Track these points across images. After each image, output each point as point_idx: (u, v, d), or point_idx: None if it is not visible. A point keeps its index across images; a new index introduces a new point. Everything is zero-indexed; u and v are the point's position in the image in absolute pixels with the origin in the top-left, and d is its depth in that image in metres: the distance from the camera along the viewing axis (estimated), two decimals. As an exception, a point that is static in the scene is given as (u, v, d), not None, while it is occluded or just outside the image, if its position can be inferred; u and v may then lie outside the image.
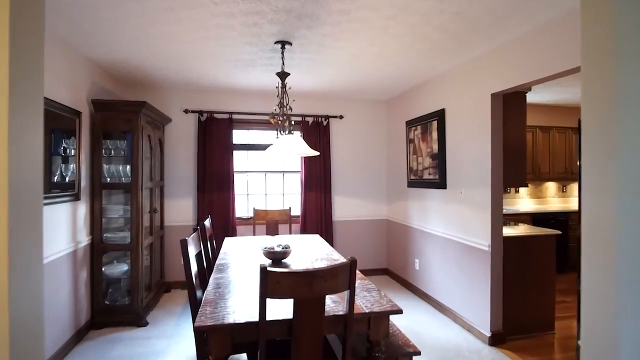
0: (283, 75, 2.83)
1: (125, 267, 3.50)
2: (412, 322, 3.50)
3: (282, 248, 2.75)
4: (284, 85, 2.83)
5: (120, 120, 3.38)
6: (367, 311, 1.77)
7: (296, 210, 4.84)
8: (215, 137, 4.49)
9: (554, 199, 5.89)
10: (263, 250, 2.64)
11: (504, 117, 3.06)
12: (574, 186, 5.99)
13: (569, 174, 5.57)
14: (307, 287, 1.53)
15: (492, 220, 2.99)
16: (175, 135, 4.50)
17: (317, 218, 4.77)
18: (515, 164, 3.15)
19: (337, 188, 4.98)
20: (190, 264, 2.08)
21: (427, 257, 4.03)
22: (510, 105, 3.15)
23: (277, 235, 3.83)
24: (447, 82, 3.62)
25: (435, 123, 3.82)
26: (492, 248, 3.00)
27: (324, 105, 4.92)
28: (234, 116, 4.58)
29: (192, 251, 2.20)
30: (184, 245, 2.06)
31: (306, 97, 4.81)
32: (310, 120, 4.79)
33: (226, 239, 3.61)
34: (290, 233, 4.08)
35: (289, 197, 4.97)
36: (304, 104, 4.81)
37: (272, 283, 1.50)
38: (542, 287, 3.21)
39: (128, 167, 3.43)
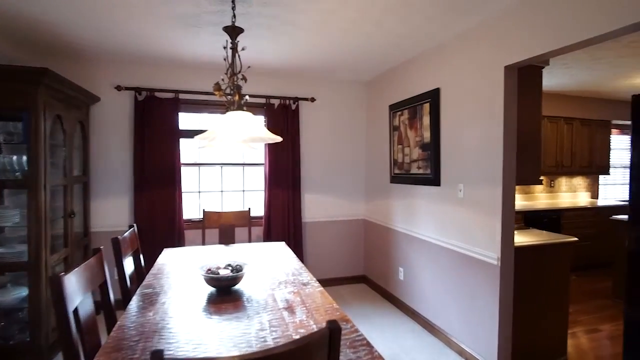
0: (233, 30, 2.04)
1: (24, 291, 2.61)
2: (395, 345, 2.86)
3: (232, 270, 1.99)
4: (234, 45, 2.04)
5: (11, 94, 2.46)
6: (355, 399, 1.06)
7: (259, 210, 4.07)
8: (157, 120, 3.61)
9: (542, 194, 5.45)
10: (203, 274, 1.87)
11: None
12: (563, 181, 5.59)
13: (559, 168, 5.13)
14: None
15: (503, 227, 2.37)
16: (104, 118, 3.57)
17: (283, 219, 4.02)
18: (528, 156, 2.53)
19: (308, 184, 4.24)
20: (69, 316, 1.28)
21: (415, 266, 3.39)
22: (522, 83, 2.52)
23: (232, 245, 3.05)
24: (445, 56, 2.95)
25: (426, 106, 3.15)
26: (502, 262, 2.38)
27: (292, 85, 4.14)
28: (181, 95, 3.71)
29: (76, 292, 1.40)
30: (56, 284, 1.26)
31: (271, 75, 4.01)
32: (276, 102, 4.01)
33: (164, 251, 2.79)
34: (250, 239, 3.32)
35: (251, 194, 4.18)
36: (268, 83, 4.02)
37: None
38: (555, 306, 2.64)
39: (24, 157, 2.53)
